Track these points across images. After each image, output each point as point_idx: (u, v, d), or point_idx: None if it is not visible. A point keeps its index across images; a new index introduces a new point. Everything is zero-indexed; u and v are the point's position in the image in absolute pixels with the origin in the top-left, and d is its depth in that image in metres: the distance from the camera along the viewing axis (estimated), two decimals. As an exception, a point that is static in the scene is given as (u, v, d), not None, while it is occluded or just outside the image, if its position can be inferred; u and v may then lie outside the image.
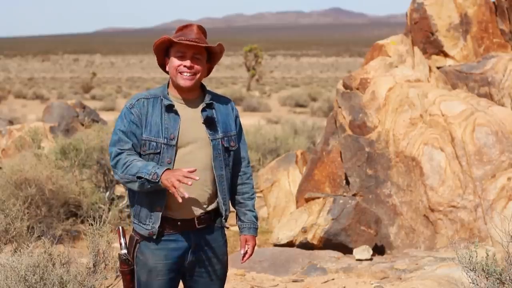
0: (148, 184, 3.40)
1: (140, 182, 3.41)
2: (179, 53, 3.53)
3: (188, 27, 3.57)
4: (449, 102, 8.18)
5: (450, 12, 9.55)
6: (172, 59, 3.55)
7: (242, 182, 3.77)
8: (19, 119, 24.28)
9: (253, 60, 51.67)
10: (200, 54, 3.55)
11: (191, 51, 3.52)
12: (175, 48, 3.54)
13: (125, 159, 3.47)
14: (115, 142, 3.53)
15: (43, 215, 8.42)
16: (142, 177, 3.40)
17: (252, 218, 3.78)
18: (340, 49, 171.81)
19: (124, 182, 3.49)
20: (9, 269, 4.45)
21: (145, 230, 3.53)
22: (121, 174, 3.47)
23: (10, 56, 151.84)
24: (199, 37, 3.53)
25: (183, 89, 3.57)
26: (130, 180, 3.44)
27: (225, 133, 3.62)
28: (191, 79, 3.53)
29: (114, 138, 3.54)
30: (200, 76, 3.57)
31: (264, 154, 13.98)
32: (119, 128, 3.53)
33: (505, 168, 7.70)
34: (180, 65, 3.52)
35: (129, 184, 3.47)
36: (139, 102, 3.56)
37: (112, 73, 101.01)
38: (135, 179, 3.42)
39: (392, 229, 8.10)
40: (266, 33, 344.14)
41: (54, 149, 9.73)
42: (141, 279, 3.58)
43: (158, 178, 3.37)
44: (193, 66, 3.52)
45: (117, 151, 3.50)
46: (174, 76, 3.55)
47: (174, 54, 3.54)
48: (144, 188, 3.43)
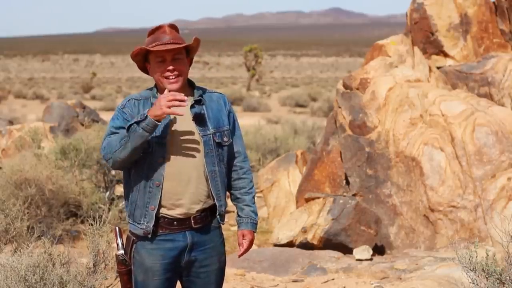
0: (139, 127, 3.37)
1: (133, 131, 3.38)
2: (158, 59, 3.51)
3: (159, 29, 3.55)
4: (449, 102, 8.18)
5: (450, 12, 9.55)
6: (153, 66, 3.55)
7: (238, 177, 3.75)
8: (19, 119, 24.29)
9: (253, 60, 51.69)
10: (179, 53, 3.54)
11: (170, 54, 3.51)
12: (153, 54, 3.52)
13: (114, 135, 3.48)
14: (106, 135, 3.54)
15: (43, 215, 8.42)
16: (131, 124, 3.39)
17: (250, 212, 3.74)
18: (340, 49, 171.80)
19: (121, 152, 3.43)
20: (9, 269, 4.45)
21: (140, 229, 3.53)
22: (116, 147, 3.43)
23: (10, 56, 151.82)
24: (173, 37, 3.52)
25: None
26: (124, 143, 3.41)
27: (217, 128, 3.60)
28: (177, 81, 3.53)
29: (106, 133, 3.55)
30: (185, 74, 3.57)
31: (264, 154, 13.98)
32: (112, 125, 3.55)
33: (505, 168, 7.70)
34: (163, 70, 3.51)
35: (123, 151, 3.42)
36: (130, 102, 3.58)
37: (112, 73, 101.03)
38: (127, 136, 3.39)
39: (392, 229, 8.10)
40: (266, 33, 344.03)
41: (54, 149, 9.73)
42: (138, 279, 3.57)
43: (145, 114, 3.38)
44: (175, 69, 3.52)
45: (106, 139, 3.52)
46: (160, 82, 3.55)
47: (154, 60, 3.53)
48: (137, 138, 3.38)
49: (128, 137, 3.41)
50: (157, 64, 3.52)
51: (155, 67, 3.54)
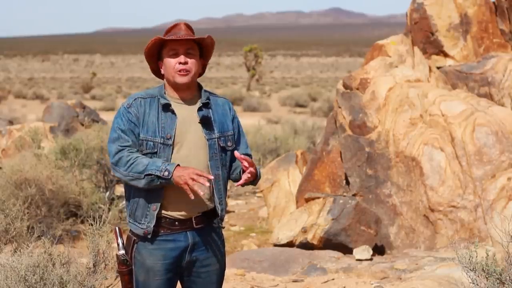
0: (158, 180, 3.39)
1: (149, 179, 3.39)
2: (172, 51, 3.54)
3: (175, 26, 3.59)
4: (449, 102, 8.18)
5: (450, 12, 9.55)
6: (166, 60, 3.56)
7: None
8: (19, 119, 24.29)
9: (253, 60, 51.69)
10: (192, 49, 3.56)
11: (183, 47, 3.53)
12: (167, 47, 3.55)
13: (128, 156, 3.45)
14: (114, 140, 3.50)
15: (43, 215, 8.43)
16: (152, 173, 3.38)
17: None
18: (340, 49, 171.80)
19: (128, 180, 3.46)
20: (9, 269, 4.45)
21: (140, 229, 3.53)
22: (125, 172, 3.44)
23: (10, 56, 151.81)
24: (188, 33, 3.55)
25: (180, 88, 3.58)
26: (136, 177, 3.42)
27: (222, 133, 3.61)
28: (186, 75, 3.53)
29: (114, 136, 3.51)
30: (196, 71, 3.58)
31: (264, 154, 13.99)
32: (118, 126, 3.52)
33: (505, 168, 7.70)
34: (176, 63, 3.53)
35: (133, 182, 3.44)
36: (136, 101, 3.56)
37: (112, 73, 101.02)
38: (141, 177, 3.40)
39: (392, 229, 8.10)
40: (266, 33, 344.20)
41: (54, 149, 9.73)
42: (139, 279, 3.57)
43: (170, 174, 3.36)
44: (187, 62, 3.53)
45: (118, 148, 3.48)
46: (172, 76, 3.55)
47: (167, 54, 3.55)
48: (152, 185, 3.41)
49: (142, 177, 3.40)
50: (170, 57, 3.54)
51: (168, 61, 3.55)
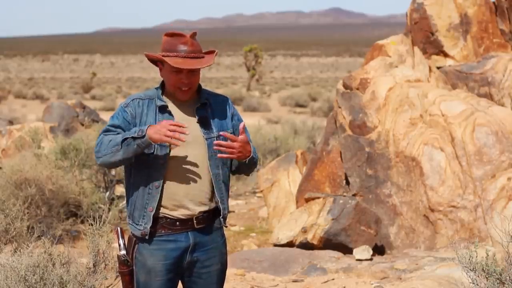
0: (134, 143, 3.37)
1: (126, 144, 3.37)
2: (174, 69, 3.48)
3: (179, 37, 3.50)
4: (449, 102, 8.18)
5: (450, 12, 9.55)
6: (167, 72, 3.51)
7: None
8: (19, 119, 24.29)
9: (253, 60, 51.66)
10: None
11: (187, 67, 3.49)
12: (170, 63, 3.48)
13: (108, 136, 3.45)
14: (103, 131, 3.52)
15: (43, 215, 8.43)
16: (127, 137, 3.38)
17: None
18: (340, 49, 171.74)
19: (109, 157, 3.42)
20: (9, 269, 4.45)
21: (138, 230, 3.53)
22: (105, 151, 3.42)
23: (10, 56, 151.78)
24: (193, 49, 3.49)
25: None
26: (115, 151, 3.39)
27: (221, 131, 3.60)
28: (188, 93, 3.54)
29: (104, 129, 3.53)
30: (197, 85, 3.57)
31: (264, 154, 13.98)
32: (112, 123, 3.53)
33: (505, 168, 7.70)
34: (177, 80, 3.49)
35: (114, 157, 3.41)
36: (134, 102, 3.56)
37: (112, 73, 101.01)
38: (119, 148, 3.38)
39: (392, 229, 8.10)
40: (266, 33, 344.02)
41: (54, 149, 9.73)
42: (140, 279, 3.57)
43: (143, 132, 3.36)
44: (191, 82, 3.51)
45: (102, 136, 3.49)
46: (172, 90, 3.53)
47: (170, 69, 3.49)
48: (130, 151, 3.38)
49: (120, 147, 3.39)
50: (172, 73, 3.50)
51: (169, 75, 3.51)
